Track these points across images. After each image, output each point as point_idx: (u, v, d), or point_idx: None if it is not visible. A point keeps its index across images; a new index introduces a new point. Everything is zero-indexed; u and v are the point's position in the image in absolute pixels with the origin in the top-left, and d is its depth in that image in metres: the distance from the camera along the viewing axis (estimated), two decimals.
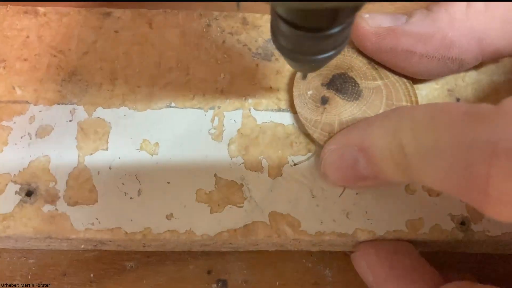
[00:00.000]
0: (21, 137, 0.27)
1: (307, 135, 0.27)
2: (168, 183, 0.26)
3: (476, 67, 0.29)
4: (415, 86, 0.28)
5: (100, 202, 0.26)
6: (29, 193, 0.25)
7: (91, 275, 0.28)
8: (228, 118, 0.28)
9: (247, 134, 0.27)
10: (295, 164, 0.27)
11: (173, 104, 0.28)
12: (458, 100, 0.29)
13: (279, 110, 0.28)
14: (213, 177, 0.26)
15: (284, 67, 0.29)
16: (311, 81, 0.27)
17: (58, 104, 0.27)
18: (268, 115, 0.28)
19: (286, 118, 0.28)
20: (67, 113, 0.27)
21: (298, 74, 0.27)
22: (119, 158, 0.26)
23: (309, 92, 0.27)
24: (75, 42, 0.28)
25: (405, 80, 0.28)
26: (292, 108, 0.28)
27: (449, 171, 0.18)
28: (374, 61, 0.28)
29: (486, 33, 0.25)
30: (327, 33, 0.18)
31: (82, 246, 0.27)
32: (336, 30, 0.18)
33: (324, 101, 0.27)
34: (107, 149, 0.27)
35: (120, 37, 0.29)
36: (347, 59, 0.28)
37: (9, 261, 0.28)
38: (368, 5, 0.31)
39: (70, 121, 0.27)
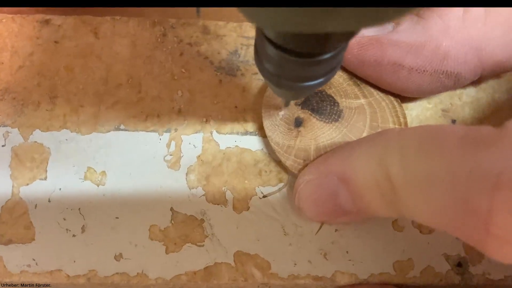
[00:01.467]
0: None
1: (279, 163, 0.26)
2: (117, 218, 0.25)
3: (475, 83, 0.28)
4: (404, 105, 0.27)
5: (38, 240, 0.24)
6: None
7: None
8: (187, 142, 0.26)
9: (209, 161, 0.26)
10: (264, 196, 0.26)
11: (122, 127, 0.27)
12: (454, 121, 0.28)
13: (246, 133, 0.27)
14: (169, 211, 0.25)
15: (251, 83, 0.27)
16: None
17: None
18: (233, 139, 0.27)
19: (254, 143, 0.27)
20: None
21: (268, 92, 0.26)
22: (60, 189, 0.25)
23: (281, 113, 0.26)
24: (8, 55, 0.27)
25: (392, 98, 0.26)
26: (261, 131, 0.27)
27: (444, 204, 0.17)
28: (356, 76, 0.26)
29: (486, 43, 0.24)
30: (320, 59, 0.17)
31: None
32: (329, 55, 0.17)
33: (298, 123, 0.25)
34: (45, 178, 0.25)
35: (60, 48, 0.28)
36: None
37: None
38: None
39: (2, 146, 0.26)
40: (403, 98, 0.26)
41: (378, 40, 0.24)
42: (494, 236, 0.16)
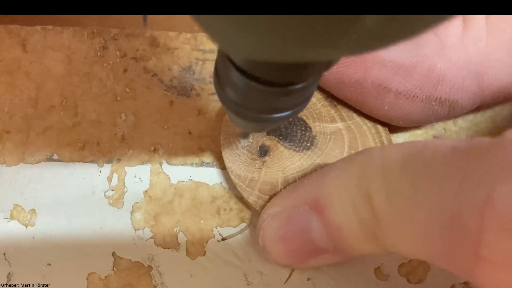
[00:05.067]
0: None
1: (240, 199, 0.26)
2: (49, 264, 0.24)
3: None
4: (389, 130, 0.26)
5: None
6: None
7: None
8: (132, 175, 0.26)
9: (158, 197, 0.25)
10: (223, 239, 0.25)
11: (55, 157, 0.26)
12: None
13: (202, 164, 0.26)
14: (110, 257, 0.25)
15: (208, 105, 0.27)
16: None
17: None
18: (187, 171, 0.26)
19: (211, 176, 0.26)
20: None
21: (228, 116, 0.25)
22: None
23: (243, 140, 0.25)
24: None
25: (375, 122, 0.25)
26: (220, 162, 0.26)
27: (429, 227, 0.17)
28: (333, 97, 0.25)
29: (487, 67, 0.23)
30: (293, 88, 0.17)
31: None
32: (305, 84, 0.17)
33: (264, 152, 0.25)
34: None
35: None
36: None
37: None
38: None
39: None
40: (388, 125, 0.26)
41: (361, 56, 0.23)
42: (484, 260, 0.15)
